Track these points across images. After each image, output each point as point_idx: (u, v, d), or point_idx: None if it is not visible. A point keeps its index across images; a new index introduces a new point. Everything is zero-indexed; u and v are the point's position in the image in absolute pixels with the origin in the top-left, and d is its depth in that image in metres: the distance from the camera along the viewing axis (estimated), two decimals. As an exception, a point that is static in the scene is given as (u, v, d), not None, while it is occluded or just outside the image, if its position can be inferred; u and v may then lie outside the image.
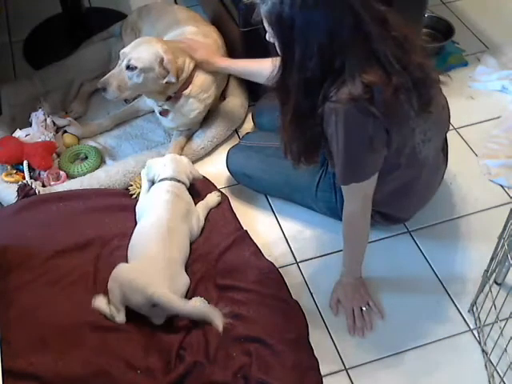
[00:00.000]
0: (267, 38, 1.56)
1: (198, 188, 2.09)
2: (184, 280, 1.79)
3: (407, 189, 1.82)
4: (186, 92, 2.20)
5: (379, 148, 1.57)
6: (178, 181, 1.99)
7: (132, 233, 1.89)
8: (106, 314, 1.70)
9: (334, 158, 1.60)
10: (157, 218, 1.87)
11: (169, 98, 2.20)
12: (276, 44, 1.53)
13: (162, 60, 2.06)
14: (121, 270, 1.74)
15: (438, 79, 1.64)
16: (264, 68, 1.69)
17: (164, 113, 2.27)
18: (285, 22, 1.44)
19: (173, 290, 1.71)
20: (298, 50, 1.45)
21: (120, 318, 1.69)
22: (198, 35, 2.30)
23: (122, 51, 2.09)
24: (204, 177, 2.13)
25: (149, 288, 1.67)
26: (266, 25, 1.52)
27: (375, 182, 1.65)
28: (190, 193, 2.02)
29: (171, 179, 1.98)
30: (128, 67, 2.05)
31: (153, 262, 1.75)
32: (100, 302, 1.72)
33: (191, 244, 1.92)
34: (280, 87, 1.57)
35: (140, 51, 2.06)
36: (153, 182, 2.03)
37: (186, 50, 2.19)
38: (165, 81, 2.10)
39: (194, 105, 2.23)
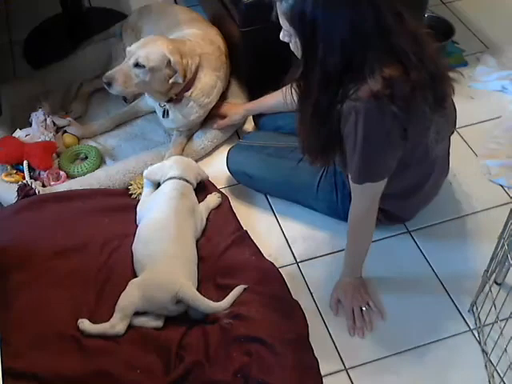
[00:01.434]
0: (281, 37, 1.56)
1: (198, 189, 2.08)
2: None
3: (415, 188, 1.83)
4: (188, 94, 2.20)
5: (397, 148, 1.58)
6: (186, 181, 1.99)
7: (134, 233, 1.89)
8: (100, 334, 1.66)
9: (349, 157, 1.60)
10: (163, 215, 1.88)
11: (170, 100, 2.20)
12: (294, 42, 1.52)
13: (169, 61, 2.06)
14: (144, 275, 1.75)
15: (450, 77, 1.64)
16: (281, 98, 1.71)
17: (165, 114, 2.26)
18: (307, 18, 1.43)
19: (194, 286, 1.75)
20: (321, 45, 1.45)
21: (121, 327, 1.67)
22: (202, 38, 2.29)
23: (129, 49, 2.09)
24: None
25: (175, 284, 1.70)
26: (284, 23, 1.51)
27: (385, 183, 1.65)
28: (191, 194, 2.03)
29: (179, 178, 1.98)
30: (136, 65, 2.04)
31: (174, 260, 1.78)
32: (87, 326, 1.67)
33: (194, 244, 1.93)
34: (301, 83, 1.57)
35: (147, 50, 2.05)
36: (158, 184, 2.02)
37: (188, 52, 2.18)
38: (171, 81, 2.10)
39: (194, 108, 2.23)
